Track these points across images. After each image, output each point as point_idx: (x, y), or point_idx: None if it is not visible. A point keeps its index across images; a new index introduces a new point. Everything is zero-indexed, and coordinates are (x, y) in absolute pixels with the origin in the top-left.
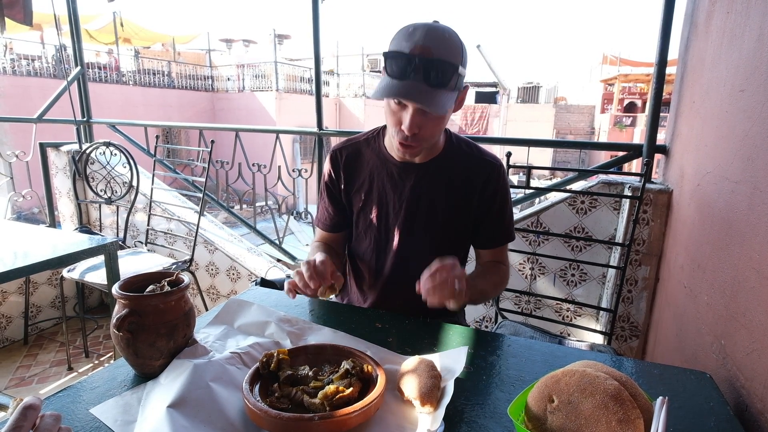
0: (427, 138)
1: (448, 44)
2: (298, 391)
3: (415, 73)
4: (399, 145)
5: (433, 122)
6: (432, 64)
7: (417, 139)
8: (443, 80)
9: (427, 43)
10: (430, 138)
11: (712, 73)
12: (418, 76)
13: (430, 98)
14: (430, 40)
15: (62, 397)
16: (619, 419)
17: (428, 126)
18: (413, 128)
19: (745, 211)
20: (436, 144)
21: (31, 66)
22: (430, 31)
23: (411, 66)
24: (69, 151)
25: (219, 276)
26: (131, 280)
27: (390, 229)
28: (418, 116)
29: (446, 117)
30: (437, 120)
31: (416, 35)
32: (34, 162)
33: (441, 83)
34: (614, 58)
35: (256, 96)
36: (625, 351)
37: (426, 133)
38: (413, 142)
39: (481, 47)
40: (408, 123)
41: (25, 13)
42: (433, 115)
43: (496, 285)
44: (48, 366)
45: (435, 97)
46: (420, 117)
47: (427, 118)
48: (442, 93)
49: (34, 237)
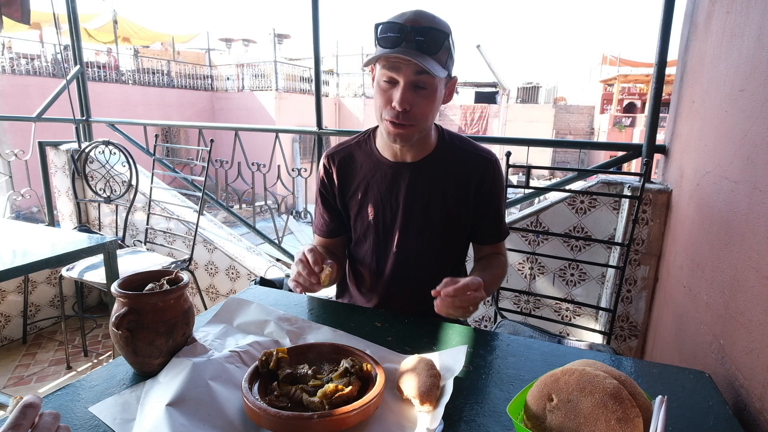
0: (418, 117)
1: (437, 21)
2: (298, 390)
3: (407, 42)
4: (390, 125)
5: (424, 100)
6: (423, 32)
7: (408, 118)
8: (434, 47)
9: (417, 18)
10: (421, 118)
11: (712, 73)
12: (410, 44)
13: (424, 61)
14: (420, 16)
15: (61, 395)
16: (618, 418)
17: (419, 104)
18: (404, 103)
19: (744, 211)
20: (428, 141)
21: (30, 65)
22: (419, 10)
23: (403, 34)
24: (68, 150)
25: (218, 275)
26: (130, 279)
27: (388, 230)
28: (409, 92)
29: (436, 97)
30: (428, 98)
31: (406, 14)
32: (33, 161)
33: (433, 51)
34: (614, 58)
35: (256, 95)
36: (625, 351)
37: (417, 111)
38: (404, 120)
39: (481, 47)
40: (399, 97)
41: (22, 12)
42: (424, 92)
43: (498, 279)
44: (47, 365)
45: (428, 62)
46: (411, 93)
47: (419, 96)
48: (434, 61)
49: (33, 236)
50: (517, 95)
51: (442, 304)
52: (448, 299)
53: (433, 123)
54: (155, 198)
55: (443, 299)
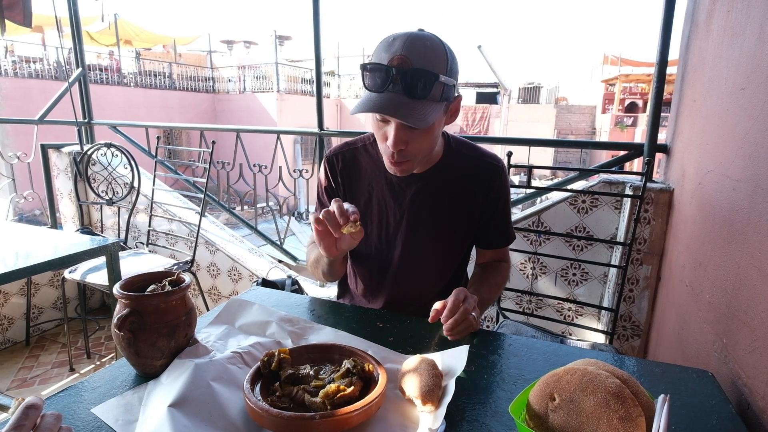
0: (415, 154)
1: (429, 53)
2: (299, 391)
3: (393, 84)
4: (388, 162)
5: (420, 137)
6: (410, 75)
7: (404, 155)
8: (423, 91)
9: (405, 53)
10: (418, 153)
11: (713, 71)
12: (397, 87)
13: (410, 111)
14: (409, 50)
15: (64, 396)
16: (621, 417)
17: (415, 141)
18: (398, 144)
19: (746, 209)
20: (432, 153)
21: (32, 68)
22: (410, 41)
23: (389, 78)
24: (70, 152)
25: (220, 277)
26: (132, 280)
27: (391, 238)
28: (403, 131)
29: (434, 130)
30: (424, 134)
31: (395, 45)
32: (36, 163)
33: (421, 94)
34: (615, 58)
35: (257, 97)
36: (627, 350)
37: (413, 148)
38: (401, 158)
39: (482, 48)
40: (392, 139)
41: (24, 15)
42: (419, 130)
43: (499, 287)
44: (50, 367)
45: (415, 110)
46: (405, 132)
47: (413, 133)
48: (424, 105)
49: (36, 238)
50: (518, 95)
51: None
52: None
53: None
54: (157, 200)
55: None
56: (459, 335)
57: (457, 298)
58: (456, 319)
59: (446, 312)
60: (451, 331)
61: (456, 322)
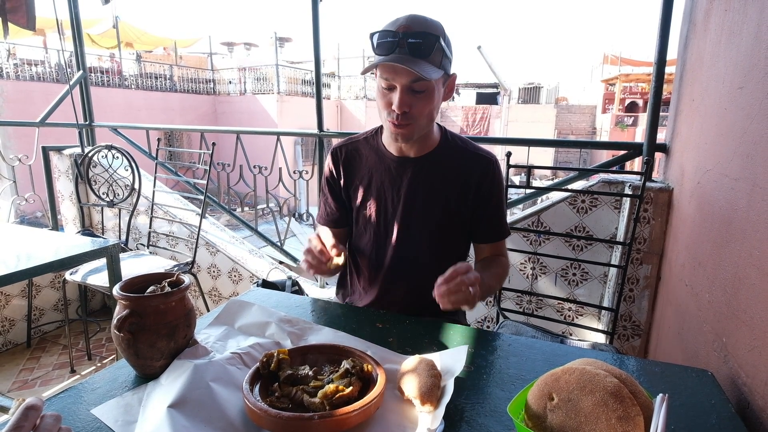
0: (417, 117)
1: (429, 23)
2: (298, 391)
3: (400, 48)
4: (392, 126)
5: (422, 101)
6: (414, 36)
7: (408, 118)
8: (427, 50)
9: (409, 23)
10: (420, 117)
11: (711, 71)
12: (404, 50)
13: (415, 65)
14: (412, 21)
15: (63, 397)
16: (619, 416)
17: (418, 105)
18: (403, 106)
19: (744, 208)
20: (430, 137)
21: (34, 71)
22: (412, 15)
23: (395, 40)
24: (71, 154)
25: (221, 278)
26: (132, 281)
27: (389, 223)
28: (407, 95)
29: (435, 97)
30: (425, 99)
31: (400, 20)
32: (37, 166)
33: (425, 53)
34: (615, 57)
35: (258, 99)
36: (628, 350)
37: (416, 111)
38: (404, 120)
39: (482, 48)
40: (398, 102)
41: (28, 18)
42: (422, 94)
43: (500, 278)
44: (51, 369)
45: (420, 65)
46: (409, 96)
47: (416, 98)
48: (427, 64)
49: (37, 240)
50: (518, 96)
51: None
52: (443, 288)
53: (433, 121)
54: (158, 201)
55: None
56: (451, 305)
57: (456, 270)
58: (449, 287)
59: (441, 279)
60: (442, 297)
61: (449, 291)
